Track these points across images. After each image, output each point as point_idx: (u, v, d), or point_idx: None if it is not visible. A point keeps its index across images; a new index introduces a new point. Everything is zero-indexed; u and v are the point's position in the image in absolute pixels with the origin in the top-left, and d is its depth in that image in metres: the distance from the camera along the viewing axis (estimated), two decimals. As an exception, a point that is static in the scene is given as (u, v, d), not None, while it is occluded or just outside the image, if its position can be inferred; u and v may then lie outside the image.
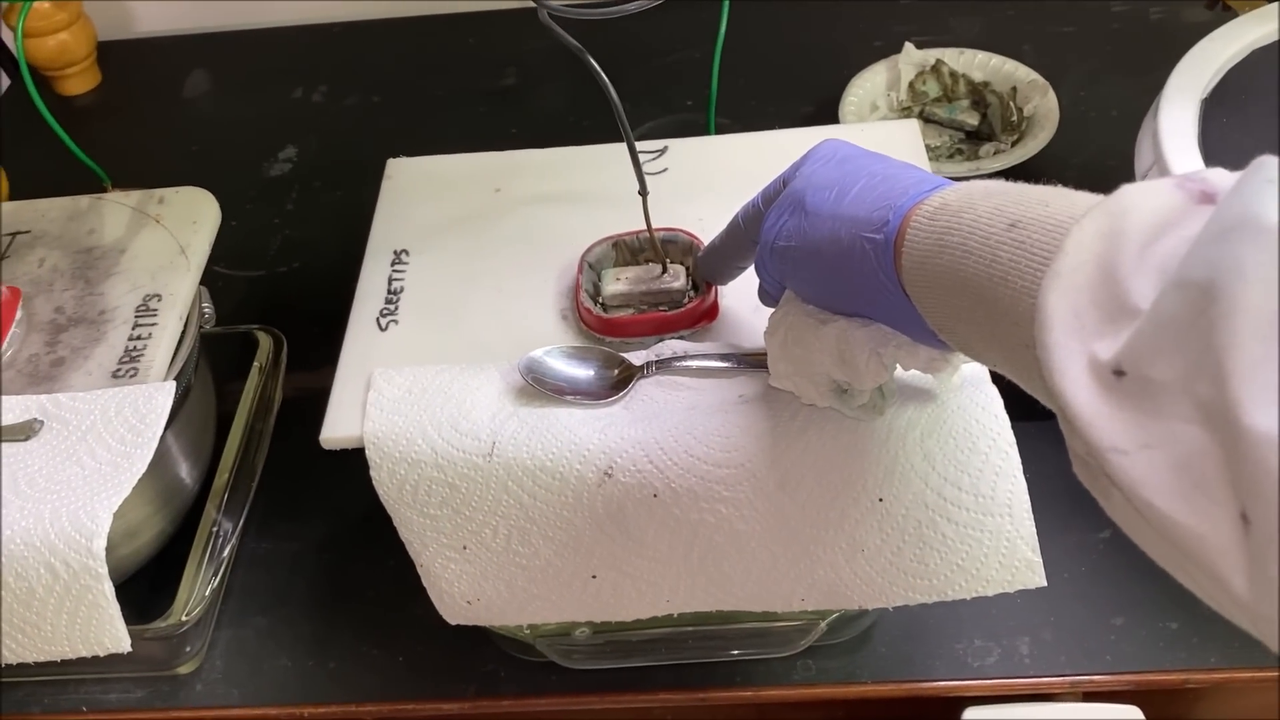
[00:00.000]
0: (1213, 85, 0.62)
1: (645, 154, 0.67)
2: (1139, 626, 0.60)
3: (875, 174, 0.44)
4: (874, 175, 0.44)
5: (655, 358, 0.54)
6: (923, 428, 0.48)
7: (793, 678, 0.60)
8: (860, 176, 0.44)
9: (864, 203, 0.42)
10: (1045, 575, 0.50)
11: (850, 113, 0.85)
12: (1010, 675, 0.59)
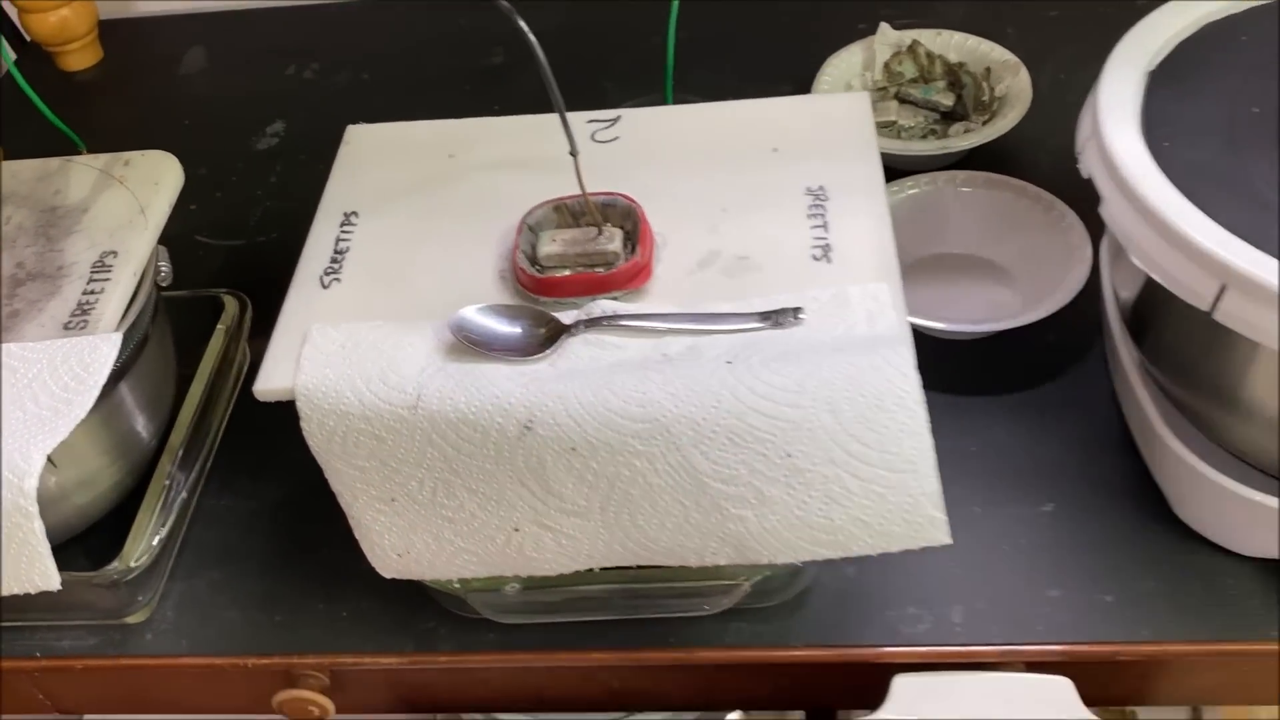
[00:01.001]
0: (1161, 58, 0.61)
1: (598, 122, 0.68)
2: (1074, 599, 0.60)
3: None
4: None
5: (585, 317, 0.55)
6: (833, 386, 0.49)
7: (726, 639, 0.61)
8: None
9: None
10: (950, 533, 0.50)
11: (823, 92, 0.86)
12: (941, 643, 0.59)
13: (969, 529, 0.63)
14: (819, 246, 0.58)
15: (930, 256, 0.77)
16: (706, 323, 0.54)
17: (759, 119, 0.66)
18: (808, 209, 0.60)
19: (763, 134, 0.65)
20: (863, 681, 0.60)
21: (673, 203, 0.61)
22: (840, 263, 0.57)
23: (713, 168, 0.63)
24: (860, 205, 0.60)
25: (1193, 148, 0.56)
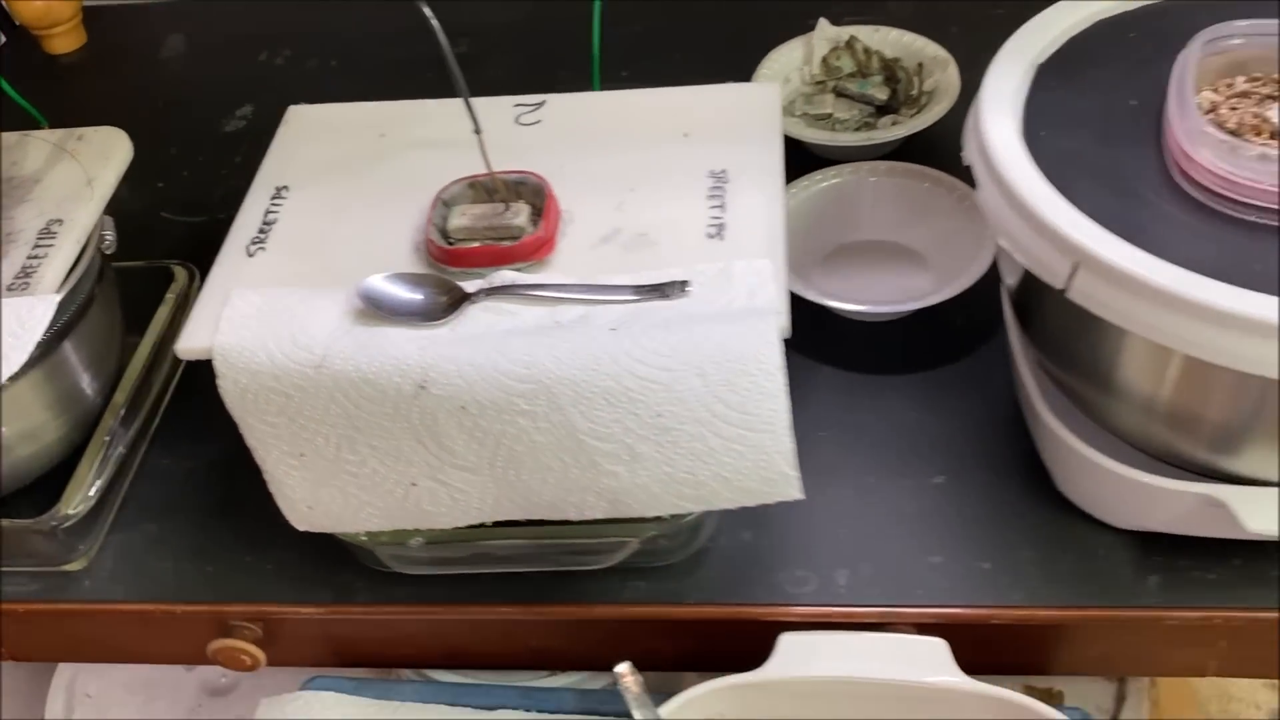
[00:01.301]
0: (1050, 52, 0.64)
1: (524, 106, 0.71)
2: (954, 565, 0.63)
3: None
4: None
5: (486, 285, 0.58)
6: (703, 352, 0.52)
7: (624, 596, 0.64)
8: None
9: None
10: (804, 490, 0.54)
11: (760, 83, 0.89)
12: (825, 603, 0.63)
13: (862, 497, 0.67)
14: (714, 225, 0.61)
15: (852, 243, 0.80)
16: (599, 293, 0.57)
17: (675, 106, 0.69)
18: (708, 190, 0.63)
19: (676, 120, 0.68)
20: (752, 639, 0.63)
21: (584, 182, 0.64)
22: (732, 240, 0.60)
23: (626, 150, 0.66)
24: (757, 188, 0.63)
25: (1067, 137, 0.59)
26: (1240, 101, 0.59)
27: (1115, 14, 0.66)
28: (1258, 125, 0.57)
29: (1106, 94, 0.61)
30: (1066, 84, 0.62)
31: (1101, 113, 0.60)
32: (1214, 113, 0.58)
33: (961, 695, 0.59)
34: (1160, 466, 0.60)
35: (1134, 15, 0.66)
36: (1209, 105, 0.59)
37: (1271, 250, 0.52)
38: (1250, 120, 0.57)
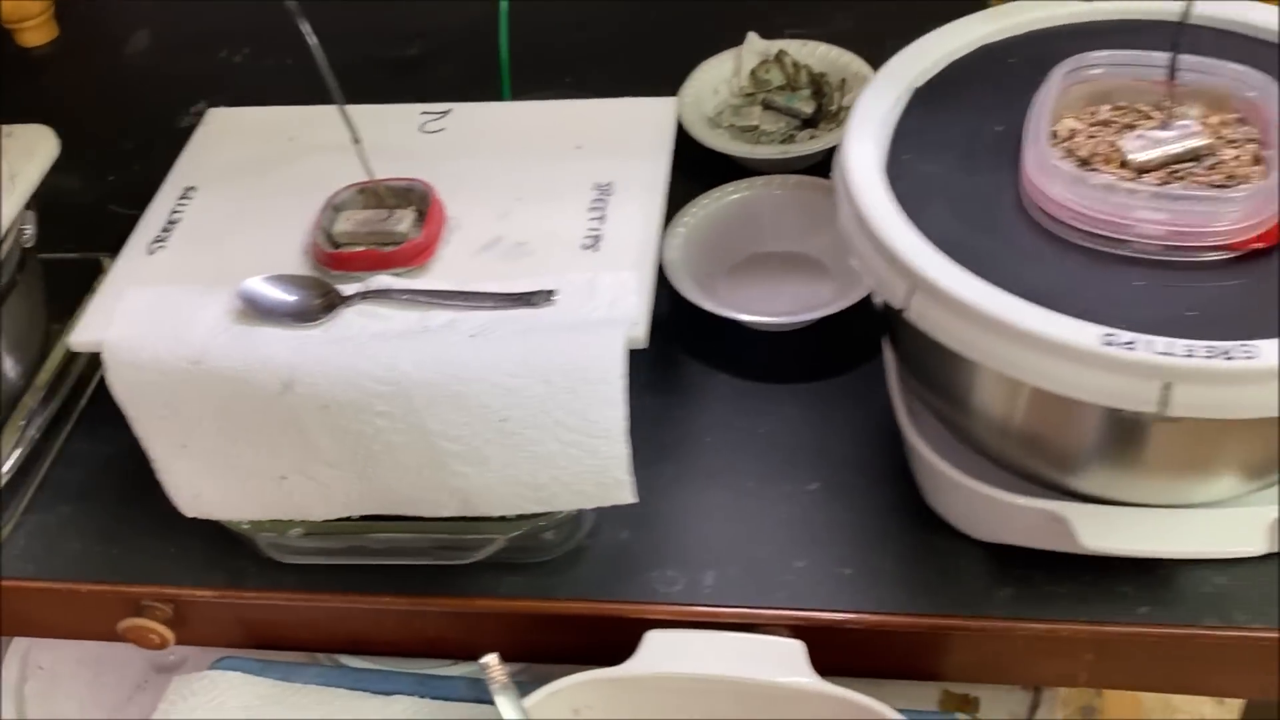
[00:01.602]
0: (930, 75, 0.66)
1: (430, 114, 0.74)
2: (817, 571, 0.65)
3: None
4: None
5: (363, 289, 0.61)
6: (552, 359, 0.55)
7: (499, 590, 0.67)
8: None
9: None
10: (637, 493, 0.56)
11: (690, 96, 0.91)
12: (690, 603, 0.65)
13: (739, 501, 0.69)
14: (591, 237, 0.63)
15: (760, 253, 0.82)
16: (468, 300, 0.60)
17: (574, 119, 0.72)
18: (591, 203, 0.65)
19: (573, 132, 0.71)
20: (621, 636, 0.66)
21: (475, 190, 0.67)
22: (606, 251, 0.62)
23: (519, 160, 0.69)
24: (637, 202, 0.65)
25: (929, 161, 0.61)
26: (1100, 130, 0.61)
27: (999, 39, 0.68)
28: (1108, 154, 0.59)
29: (976, 119, 0.63)
30: (939, 108, 0.64)
31: (968, 138, 0.62)
32: (1071, 140, 0.60)
33: (813, 696, 0.61)
34: (1017, 482, 0.62)
35: (1017, 41, 0.68)
36: (1068, 133, 0.61)
37: (1108, 278, 0.54)
38: (1103, 149, 0.59)
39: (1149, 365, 0.49)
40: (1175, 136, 0.58)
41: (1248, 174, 0.57)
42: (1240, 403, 0.49)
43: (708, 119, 0.91)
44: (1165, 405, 0.50)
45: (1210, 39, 0.66)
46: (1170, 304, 0.52)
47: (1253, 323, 0.51)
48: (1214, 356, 0.49)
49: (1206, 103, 0.61)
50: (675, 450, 0.72)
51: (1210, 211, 0.53)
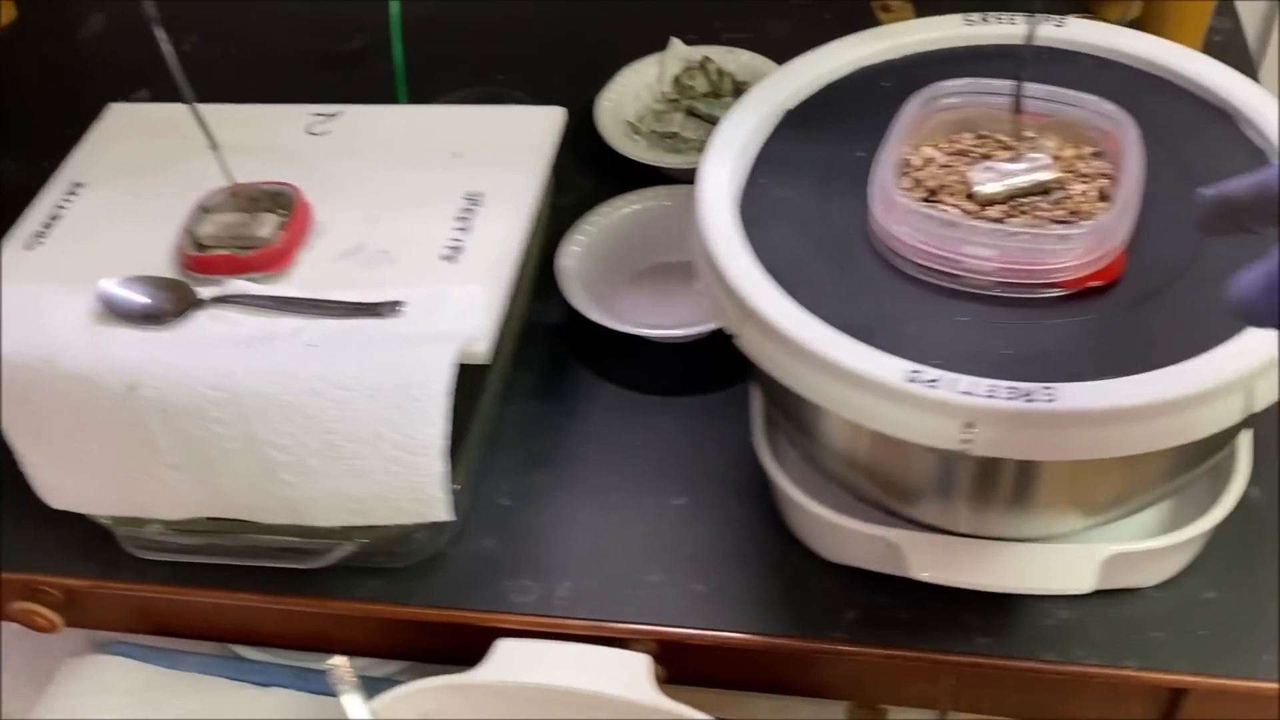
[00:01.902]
0: (804, 97, 0.66)
1: (320, 116, 0.74)
2: (670, 585, 0.66)
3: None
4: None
5: (219, 293, 0.62)
6: (381, 373, 0.55)
7: (357, 593, 0.67)
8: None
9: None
10: (454, 511, 0.56)
11: (610, 101, 0.91)
12: (540, 614, 0.66)
13: (604, 514, 0.69)
14: (452, 248, 0.64)
15: (662, 263, 0.83)
16: (318, 308, 0.60)
17: (457, 125, 0.72)
18: (459, 212, 0.66)
19: (455, 139, 0.71)
20: (474, 642, 0.66)
21: (347, 196, 0.68)
22: (464, 264, 0.63)
23: (397, 166, 0.70)
24: (504, 214, 0.66)
25: (784, 186, 0.61)
26: (956, 160, 0.60)
27: (878, 61, 0.68)
28: (955, 186, 0.58)
29: (840, 144, 0.63)
30: (806, 131, 0.64)
31: (828, 163, 0.62)
32: (924, 170, 0.60)
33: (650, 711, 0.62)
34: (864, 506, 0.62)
35: (897, 64, 0.68)
36: (923, 162, 0.60)
37: (938, 313, 0.54)
38: (952, 181, 0.59)
39: (951, 404, 0.49)
40: (1024, 169, 0.58)
41: (1092, 210, 0.56)
42: (1039, 446, 0.49)
43: (628, 124, 0.91)
44: (969, 444, 0.50)
45: (1089, 67, 0.66)
46: (992, 341, 0.52)
47: (1071, 363, 0.51)
48: (1014, 398, 0.49)
49: (1065, 134, 0.60)
50: (550, 459, 0.73)
51: (1039, 249, 0.53)
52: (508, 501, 0.71)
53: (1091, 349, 0.51)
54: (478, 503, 0.70)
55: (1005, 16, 0.68)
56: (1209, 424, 0.49)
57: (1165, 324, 0.52)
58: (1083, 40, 0.66)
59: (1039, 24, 0.67)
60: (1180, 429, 0.49)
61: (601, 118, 0.90)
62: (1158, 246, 0.56)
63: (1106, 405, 0.48)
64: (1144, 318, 0.53)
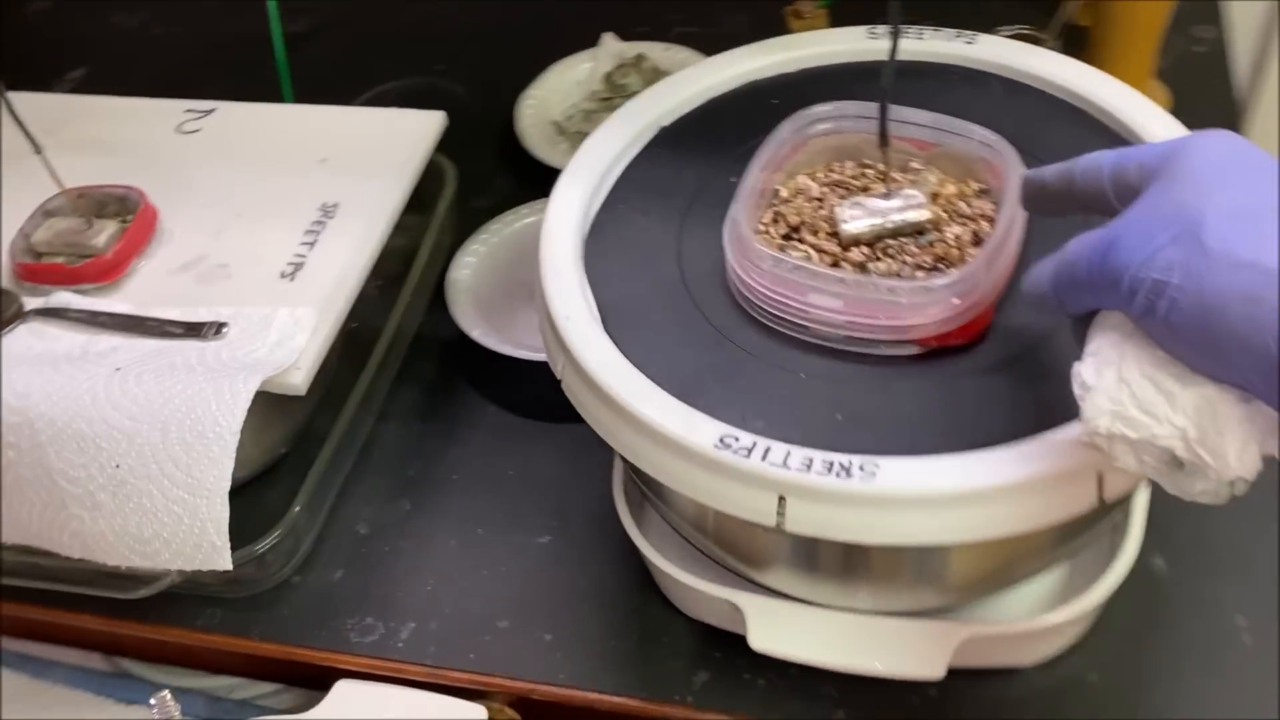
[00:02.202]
0: (682, 113, 0.61)
1: (193, 113, 0.71)
2: (518, 633, 0.61)
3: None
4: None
5: (43, 305, 0.58)
6: (174, 406, 0.51)
7: (197, 623, 0.64)
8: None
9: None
10: (231, 559, 0.53)
11: (532, 100, 0.86)
12: (379, 656, 0.62)
13: (463, 548, 0.65)
14: (294, 264, 0.60)
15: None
16: (139, 327, 0.57)
17: (333, 127, 0.68)
18: (310, 224, 0.62)
19: (326, 143, 0.67)
20: (314, 679, 0.63)
21: (201, 201, 0.64)
22: (302, 283, 0.59)
23: (258, 171, 0.66)
24: (357, 228, 0.61)
25: (645, 212, 0.56)
26: (831, 191, 0.55)
27: (770, 76, 0.62)
28: (817, 223, 0.53)
29: (710, 167, 0.58)
30: (677, 152, 0.59)
31: (695, 188, 0.57)
32: (791, 202, 0.55)
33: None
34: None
35: (789, 80, 0.62)
36: (793, 193, 0.55)
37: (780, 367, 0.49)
38: (818, 217, 0.53)
39: (761, 476, 0.44)
40: (894, 208, 0.52)
41: (963, 257, 0.51)
42: (852, 527, 0.44)
43: (554, 124, 0.86)
44: (782, 520, 0.45)
45: (997, 90, 0.60)
46: (831, 403, 0.47)
47: (911, 433, 0.45)
48: (829, 473, 0.44)
49: (952, 167, 0.55)
50: (417, 484, 0.69)
51: (888, 301, 0.48)
52: (365, 529, 0.67)
53: (936, 418, 0.46)
54: (333, 529, 0.67)
55: (914, 30, 0.62)
56: (1048, 514, 0.44)
57: (1023, 394, 0.47)
58: (993, 60, 0.60)
59: (951, 40, 0.61)
60: (1014, 518, 0.44)
61: (522, 117, 0.85)
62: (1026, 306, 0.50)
63: (930, 488, 0.43)
64: (1001, 385, 0.47)
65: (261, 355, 0.54)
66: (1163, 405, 0.37)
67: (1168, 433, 0.37)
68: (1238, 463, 0.36)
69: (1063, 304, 0.42)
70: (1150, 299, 0.36)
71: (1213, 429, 0.36)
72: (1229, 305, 0.34)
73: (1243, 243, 0.34)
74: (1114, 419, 0.38)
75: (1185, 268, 0.35)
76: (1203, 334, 0.35)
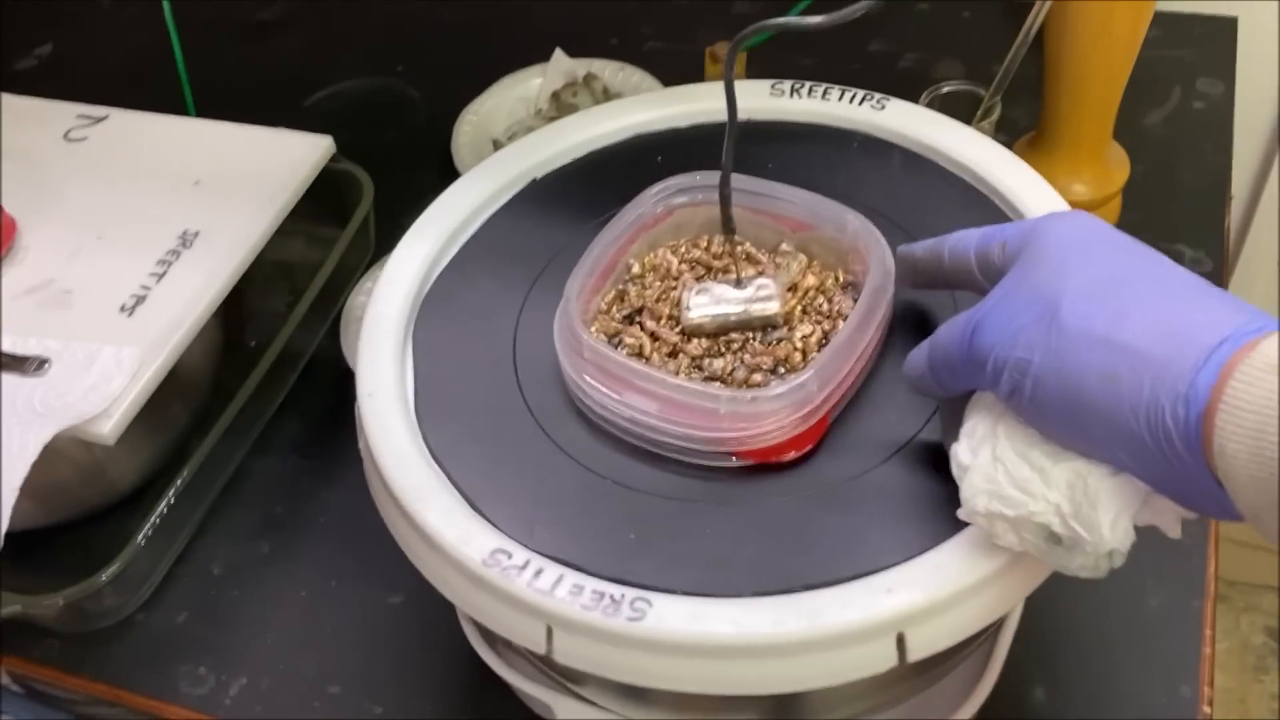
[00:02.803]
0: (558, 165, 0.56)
1: (85, 119, 0.68)
2: (349, 701, 0.58)
3: (1163, 286, 0.35)
4: (1161, 287, 0.35)
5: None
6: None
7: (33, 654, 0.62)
8: (1142, 286, 0.35)
9: (1152, 333, 0.33)
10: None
11: (473, 115, 0.82)
12: (204, 711, 0.59)
13: (312, 601, 0.62)
14: (136, 297, 0.57)
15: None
16: (-37, 355, 0.54)
17: (218, 145, 0.65)
18: (164, 254, 0.59)
19: (205, 162, 0.64)
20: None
21: (66, 218, 0.61)
22: (139, 319, 0.56)
23: (131, 189, 0.63)
24: (212, 261, 0.58)
25: (490, 275, 0.52)
26: (691, 269, 0.50)
27: (660, 129, 0.58)
28: (661, 308, 0.48)
29: (573, 229, 0.53)
30: (542, 209, 0.55)
31: (553, 251, 0.53)
32: (642, 278, 0.50)
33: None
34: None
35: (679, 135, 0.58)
36: (644, 269, 0.51)
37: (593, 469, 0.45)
38: (660, 301, 0.49)
39: (525, 601, 0.40)
40: (742, 299, 0.47)
41: (803, 362, 0.46)
42: (623, 666, 0.40)
43: (494, 141, 0.82)
44: (551, 649, 0.41)
45: (896, 163, 0.54)
46: (627, 519, 0.43)
47: (702, 565, 0.41)
48: (596, 606, 0.40)
49: (825, 253, 0.50)
50: (281, 525, 0.66)
51: (701, 408, 0.43)
52: (219, 569, 0.64)
53: (737, 549, 0.42)
54: (187, 566, 0.64)
55: (821, 89, 0.57)
56: (836, 673, 0.39)
57: (840, 528, 0.42)
58: (898, 129, 0.55)
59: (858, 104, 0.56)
60: (795, 675, 0.39)
61: (460, 133, 0.81)
62: (877, 417, 0.45)
63: (697, 635, 0.39)
64: (818, 516, 0.42)
65: (73, 399, 0.51)
66: (1036, 482, 0.37)
67: (1042, 509, 0.37)
68: (1111, 534, 0.36)
69: (938, 385, 0.41)
70: (1015, 379, 0.36)
71: (1085, 503, 0.36)
72: (1086, 382, 0.34)
73: (1098, 319, 0.35)
74: (990, 497, 0.38)
75: (1045, 347, 0.35)
76: (1066, 412, 0.35)
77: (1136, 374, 0.33)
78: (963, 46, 0.90)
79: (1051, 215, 0.40)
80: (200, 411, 0.66)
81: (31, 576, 0.59)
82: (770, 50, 0.74)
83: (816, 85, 0.57)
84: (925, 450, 0.44)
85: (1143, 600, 0.57)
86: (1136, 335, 0.34)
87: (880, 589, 0.39)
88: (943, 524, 0.41)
